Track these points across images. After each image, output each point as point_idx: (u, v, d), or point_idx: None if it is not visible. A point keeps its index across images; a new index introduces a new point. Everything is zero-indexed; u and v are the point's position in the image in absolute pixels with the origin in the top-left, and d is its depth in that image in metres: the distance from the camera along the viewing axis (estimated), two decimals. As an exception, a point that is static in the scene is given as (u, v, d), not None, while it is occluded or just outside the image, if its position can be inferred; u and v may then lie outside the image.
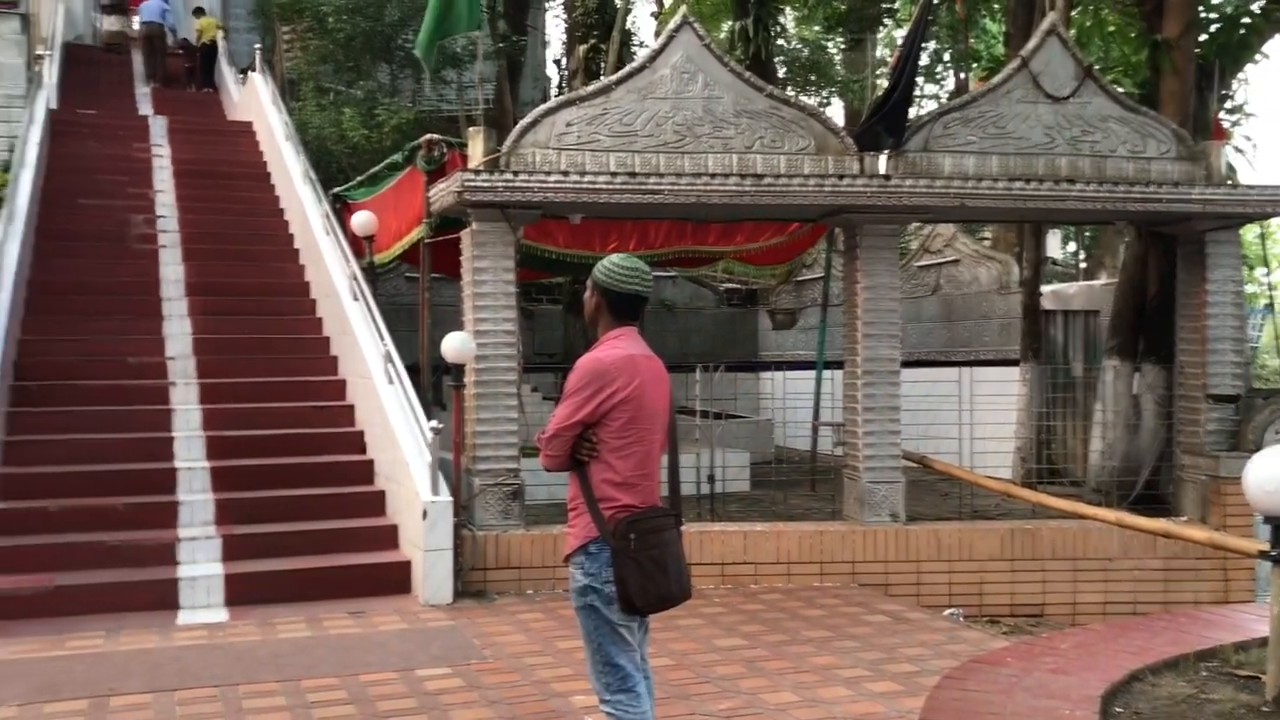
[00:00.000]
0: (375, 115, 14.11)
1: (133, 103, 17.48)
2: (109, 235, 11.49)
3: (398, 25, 15.24)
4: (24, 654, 6.10)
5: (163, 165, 13.45)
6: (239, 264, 11.32)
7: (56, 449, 8.28)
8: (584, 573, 3.73)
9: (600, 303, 3.84)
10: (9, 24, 17.15)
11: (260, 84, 14.89)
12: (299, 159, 12.30)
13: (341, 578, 7.45)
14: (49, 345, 9.42)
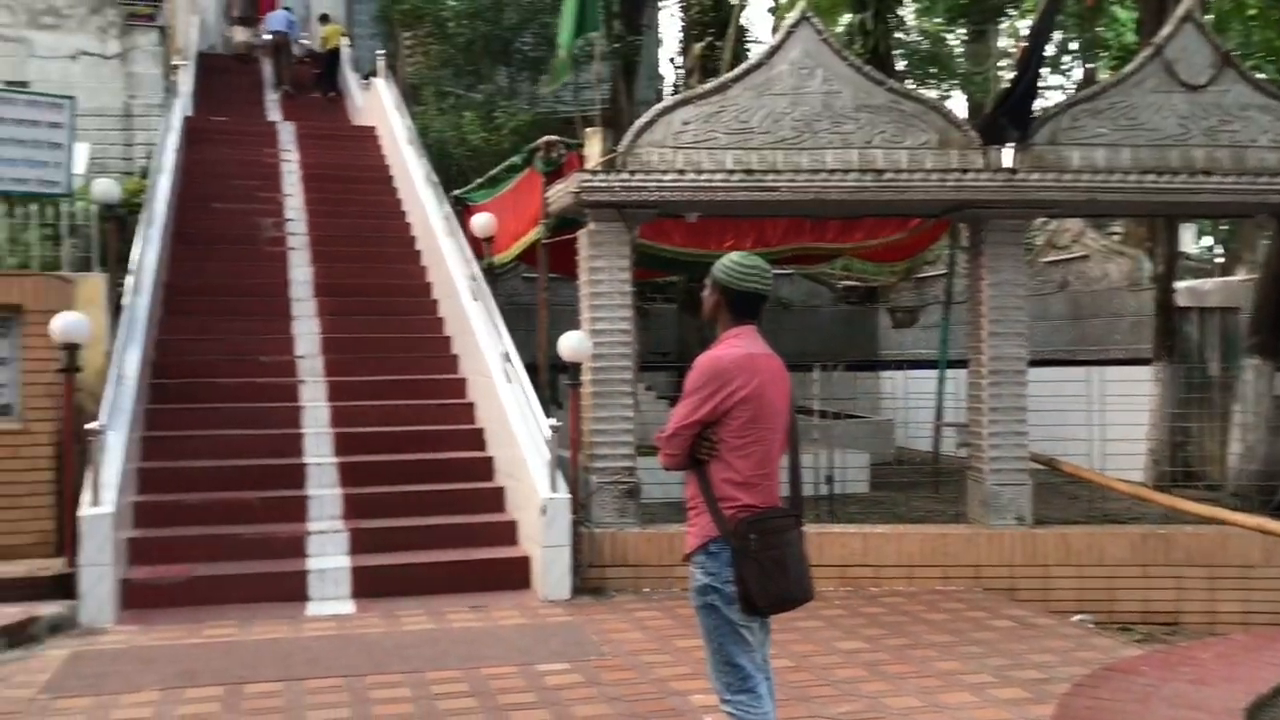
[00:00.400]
0: (494, 118, 14.33)
1: (262, 109, 18.08)
2: (241, 238, 11.90)
3: (516, 28, 15.46)
4: (164, 640, 6.36)
5: (291, 170, 13.88)
6: (364, 265, 11.61)
7: (193, 444, 8.60)
8: (704, 572, 3.71)
9: (720, 301, 3.82)
10: (148, 37, 17.94)
11: (383, 89, 15.26)
12: (421, 162, 12.55)
13: (462, 572, 7.57)
14: (185, 345, 9.79)
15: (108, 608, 6.74)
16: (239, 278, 11.11)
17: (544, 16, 15.24)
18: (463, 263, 10.29)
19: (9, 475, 7.52)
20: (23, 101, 9.74)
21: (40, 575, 6.97)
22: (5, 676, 5.68)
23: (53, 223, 9.46)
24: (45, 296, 7.72)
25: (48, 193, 9.58)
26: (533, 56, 15.98)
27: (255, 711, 5.14)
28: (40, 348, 7.57)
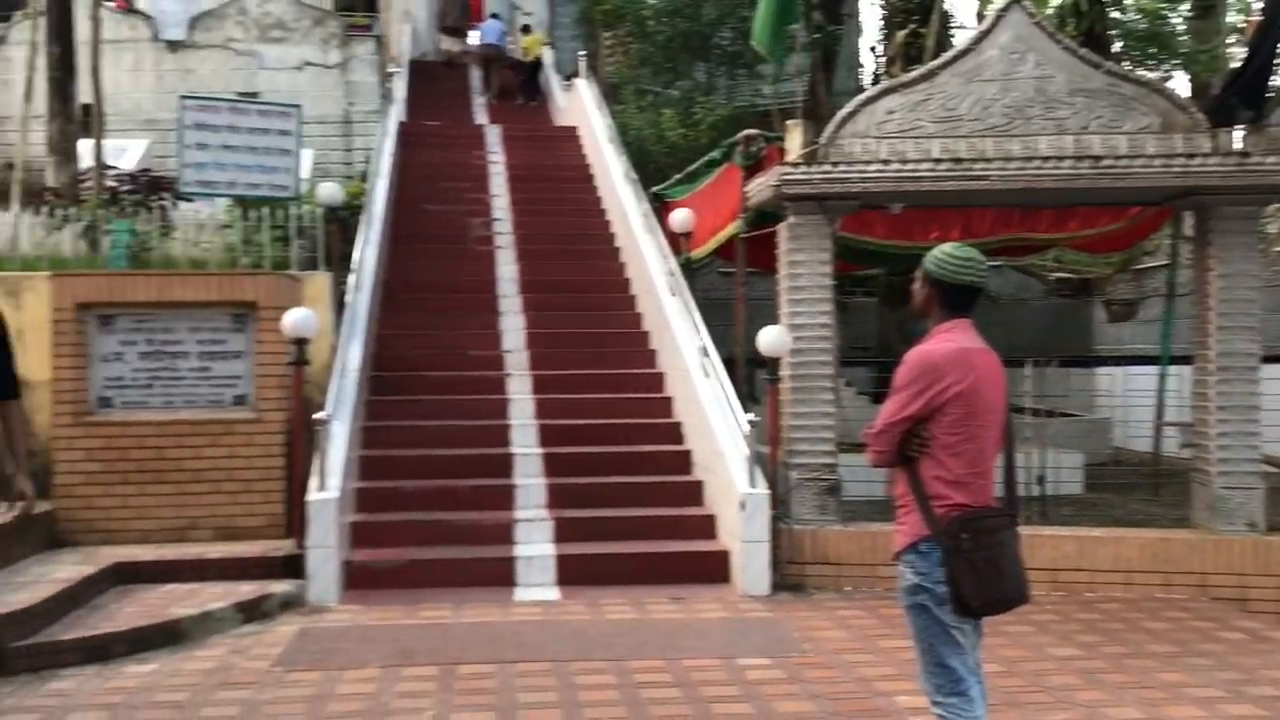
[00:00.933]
0: (692, 114, 14.42)
1: (470, 113, 18.76)
2: (451, 237, 12.38)
3: (714, 24, 15.50)
4: (383, 620, 6.69)
5: (497, 170, 14.35)
6: (566, 262, 11.88)
7: (408, 434, 9.02)
8: (914, 571, 3.63)
9: (931, 294, 3.73)
10: (365, 46, 18.90)
11: (584, 89, 15.58)
12: (620, 160, 12.75)
13: (662, 564, 7.65)
14: (400, 339, 10.28)
15: (333, 587, 7.15)
16: (449, 275, 11.57)
17: (743, 10, 15.22)
18: (660, 258, 10.40)
19: (244, 461, 8.06)
20: (255, 111, 10.42)
21: (272, 556, 7.45)
22: (243, 649, 6.10)
23: (282, 225, 10.08)
24: (276, 294, 8.23)
25: (278, 196, 10.22)
26: (731, 51, 15.98)
27: (469, 691, 5.35)
28: (272, 342, 8.07)
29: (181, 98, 10.50)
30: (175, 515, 7.96)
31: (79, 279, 8.22)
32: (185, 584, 7.11)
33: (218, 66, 18.87)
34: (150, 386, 8.16)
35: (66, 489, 7.94)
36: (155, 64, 18.88)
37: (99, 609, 6.49)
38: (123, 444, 7.99)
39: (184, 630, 6.23)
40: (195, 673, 5.66)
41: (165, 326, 8.18)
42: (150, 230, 10.18)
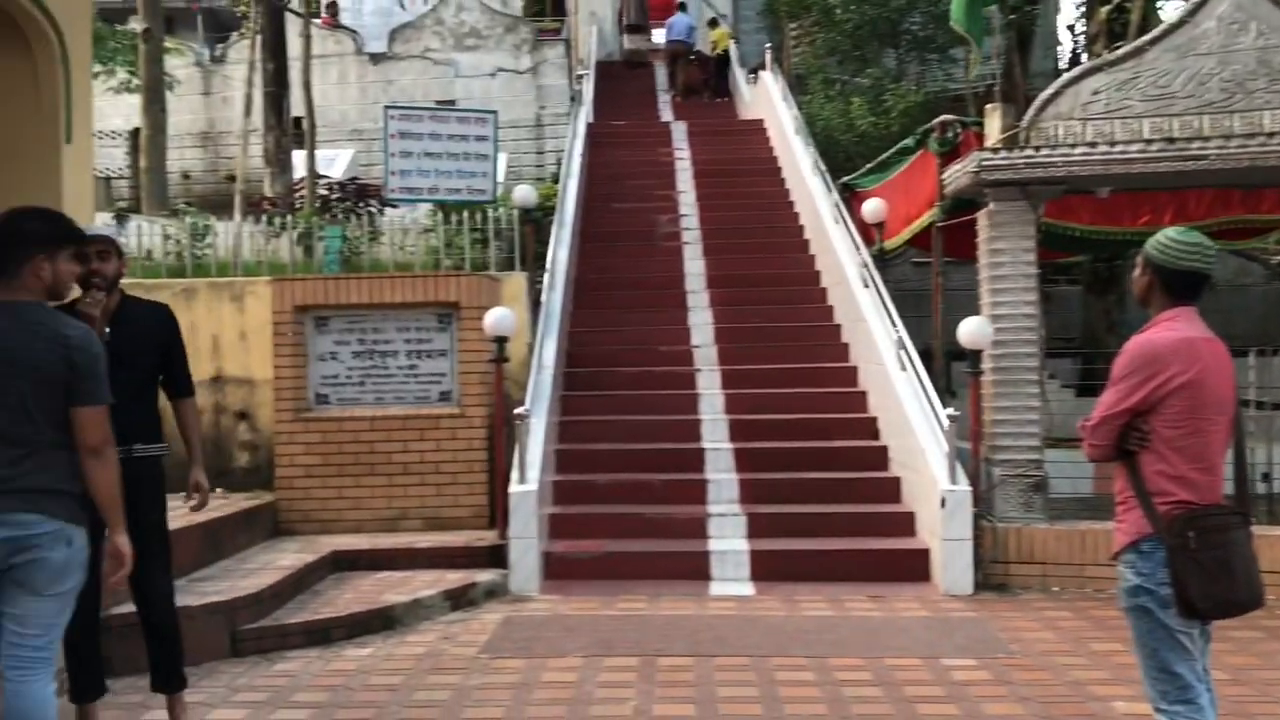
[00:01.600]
0: (883, 101, 14.14)
1: (655, 111, 18.94)
2: (639, 234, 12.54)
3: (904, 9, 15.14)
4: (582, 611, 6.84)
5: (684, 166, 14.43)
6: (753, 256, 11.85)
7: (601, 428, 9.18)
8: (1135, 572, 3.46)
9: (1153, 281, 3.54)
10: (555, 50, 19.34)
11: (769, 82, 15.49)
12: (807, 151, 12.63)
13: (859, 561, 7.54)
14: (592, 335, 10.48)
15: (533, 577, 7.36)
16: (638, 272, 11.72)
17: (933, -6, 14.83)
18: (851, 249, 10.24)
19: (450, 455, 8.39)
20: (454, 119, 10.83)
21: (476, 546, 7.72)
22: (451, 635, 6.35)
23: (481, 227, 10.43)
24: (477, 294, 8.52)
25: (477, 200, 10.59)
26: (921, 36, 15.59)
27: (669, 684, 5.41)
28: (473, 340, 8.37)
29: (386, 108, 11.00)
30: (386, 506, 8.36)
31: (296, 283, 8.71)
32: (397, 572, 7.46)
33: (416, 76, 19.68)
34: (362, 384, 8.58)
35: (287, 481, 8.44)
36: (359, 76, 19.85)
37: (319, 595, 6.88)
38: (338, 439, 8.44)
39: (396, 616, 6.53)
40: (408, 657, 5.92)
41: (375, 327, 8.59)
42: (359, 235, 10.71)
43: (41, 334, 3.51)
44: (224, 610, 5.90)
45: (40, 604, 3.49)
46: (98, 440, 3.57)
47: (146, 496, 4.54)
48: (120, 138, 19.69)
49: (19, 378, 3.46)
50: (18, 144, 5.72)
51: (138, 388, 4.57)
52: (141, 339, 4.61)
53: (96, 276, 4.44)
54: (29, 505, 3.44)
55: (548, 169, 18.38)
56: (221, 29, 25.22)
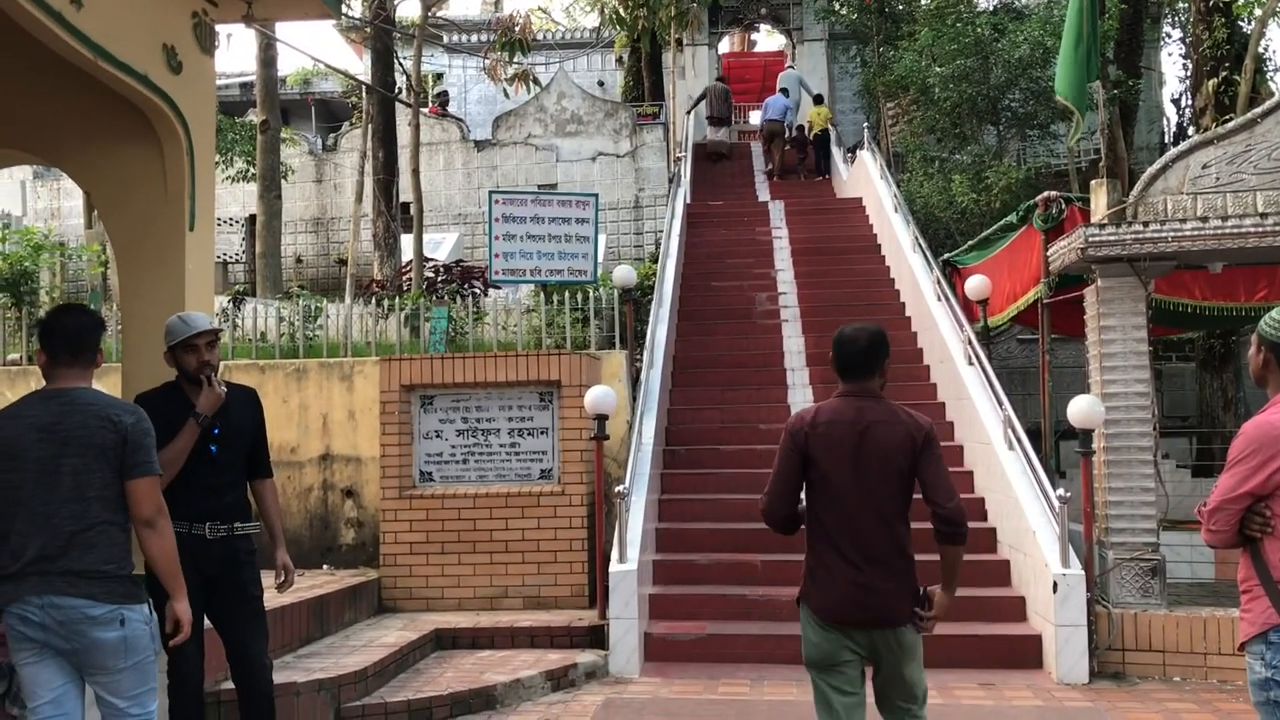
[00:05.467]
0: (983, 178, 14.04)
1: (753, 190, 19.09)
2: (738, 312, 12.57)
3: (1004, 86, 15.09)
4: (684, 694, 6.75)
5: (781, 245, 14.48)
6: (854, 334, 11.75)
7: (701, 507, 9.14)
8: (1264, 664, 3.30)
9: (1269, 359, 3.44)
10: (653, 134, 19.68)
11: (868, 160, 15.53)
12: (908, 229, 12.58)
13: (968, 646, 7.31)
14: (691, 413, 10.48)
15: (634, 659, 7.30)
16: (737, 350, 11.72)
17: (1033, 71, 14.75)
18: (954, 327, 10.11)
19: (550, 533, 8.42)
20: (556, 202, 11.07)
21: (577, 625, 7.70)
22: (552, 717, 6.32)
23: (581, 307, 10.58)
24: (577, 373, 8.61)
25: (578, 281, 10.76)
26: (1022, 113, 15.50)
27: (772, 771, 5.29)
28: (574, 418, 8.44)
29: (490, 193, 11.30)
30: (488, 584, 8.41)
31: (404, 363, 8.92)
32: (498, 651, 7.48)
33: (519, 161, 20.21)
34: (465, 461, 8.71)
35: (391, 558, 8.56)
36: (464, 162, 20.44)
37: (421, 673, 6.92)
38: (441, 516, 8.55)
39: (497, 696, 6.52)
40: (509, 738, 5.90)
41: (479, 405, 8.73)
42: (464, 316, 10.95)
43: (93, 413, 3.71)
44: (329, 687, 5.96)
45: (115, 678, 3.67)
46: (150, 511, 3.74)
47: (246, 573, 4.67)
48: (237, 224, 20.55)
49: (71, 457, 3.64)
50: (146, 230, 6.02)
51: (239, 469, 4.73)
52: (242, 421, 4.77)
53: (207, 367, 4.62)
54: (74, 589, 3.59)
55: (646, 249, 18.62)
56: (333, 119, 26.30)
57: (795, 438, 4.12)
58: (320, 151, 21.67)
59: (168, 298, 5.97)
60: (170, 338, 4.68)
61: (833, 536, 3.93)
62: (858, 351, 4.19)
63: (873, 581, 3.85)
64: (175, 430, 4.48)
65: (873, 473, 3.92)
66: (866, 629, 3.87)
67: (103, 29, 5.24)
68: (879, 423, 4.04)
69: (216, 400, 4.57)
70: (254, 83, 17.89)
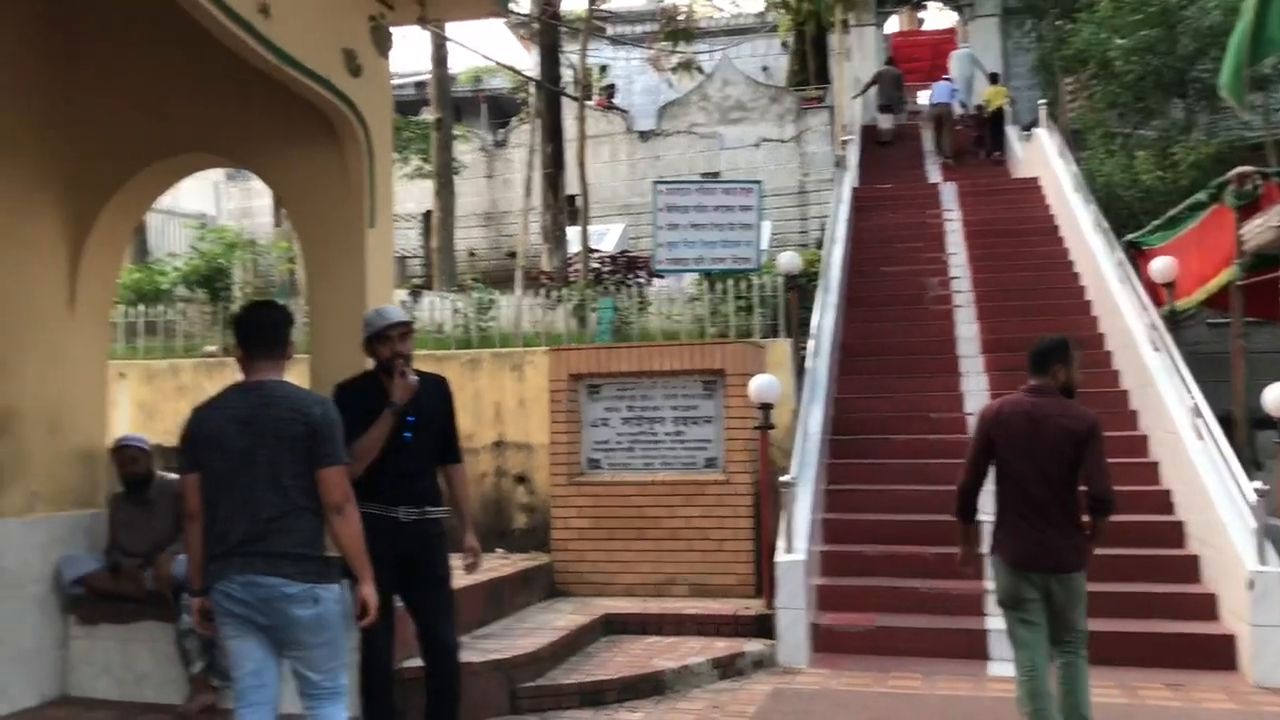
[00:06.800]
0: (1170, 154, 13.33)
1: (923, 173, 18.60)
2: (907, 298, 12.29)
3: (1192, 56, 14.27)
4: (853, 686, 6.68)
5: (953, 228, 14.08)
6: (1030, 319, 11.34)
7: (868, 498, 8.99)
8: None
9: None
10: (818, 118, 19.46)
11: (1044, 139, 14.95)
12: (1088, 209, 12.07)
13: (1153, 645, 6.98)
14: (859, 402, 10.31)
15: (801, 649, 7.25)
16: (906, 337, 11.47)
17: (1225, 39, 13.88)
18: (1139, 311, 9.66)
19: (716, 521, 8.45)
20: (720, 190, 11.06)
21: (743, 615, 7.70)
22: (720, 705, 6.34)
23: (746, 295, 10.54)
24: (742, 361, 8.60)
25: (742, 269, 10.73)
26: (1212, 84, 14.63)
27: (944, 767, 5.18)
28: (738, 407, 8.43)
29: (654, 183, 11.38)
30: (654, 571, 8.49)
31: (572, 353, 9.09)
32: (665, 637, 7.55)
33: (683, 150, 20.28)
34: (631, 449, 8.81)
35: (562, 543, 8.74)
36: (629, 153, 20.65)
37: (592, 656, 7.05)
38: (609, 503, 8.68)
39: (665, 682, 6.59)
40: (678, 724, 5.95)
41: (644, 394, 8.81)
42: (629, 306, 11.07)
43: (285, 405, 3.90)
44: (504, 668, 6.14)
45: (309, 653, 3.88)
46: (339, 498, 3.91)
47: (437, 555, 4.85)
48: (413, 220, 21.29)
49: (266, 447, 3.84)
50: (329, 227, 6.31)
51: (432, 455, 4.91)
52: (433, 409, 4.95)
53: (400, 358, 4.80)
54: (271, 569, 3.79)
55: (812, 235, 18.42)
56: (503, 115, 26.94)
57: (982, 425, 5.03)
58: (491, 147, 22.24)
59: (350, 292, 6.26)
60: (366, 330, 4.90)
61: (1017, 505, 4.86)
62: (1034, 354, 5.00)
63: (1048, 538, 4.78)
64: (373, 417, 4.69)
65: (1045, 456, 4.78)
66: (1044, 573, 4.79)
67: (288, 36, 5.51)
68: (1052, 416, 4.82)
69: (409, 389, 4.75)
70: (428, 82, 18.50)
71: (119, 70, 6.52)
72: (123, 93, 6.51)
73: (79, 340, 6.56)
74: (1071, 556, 4.82)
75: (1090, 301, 11.47)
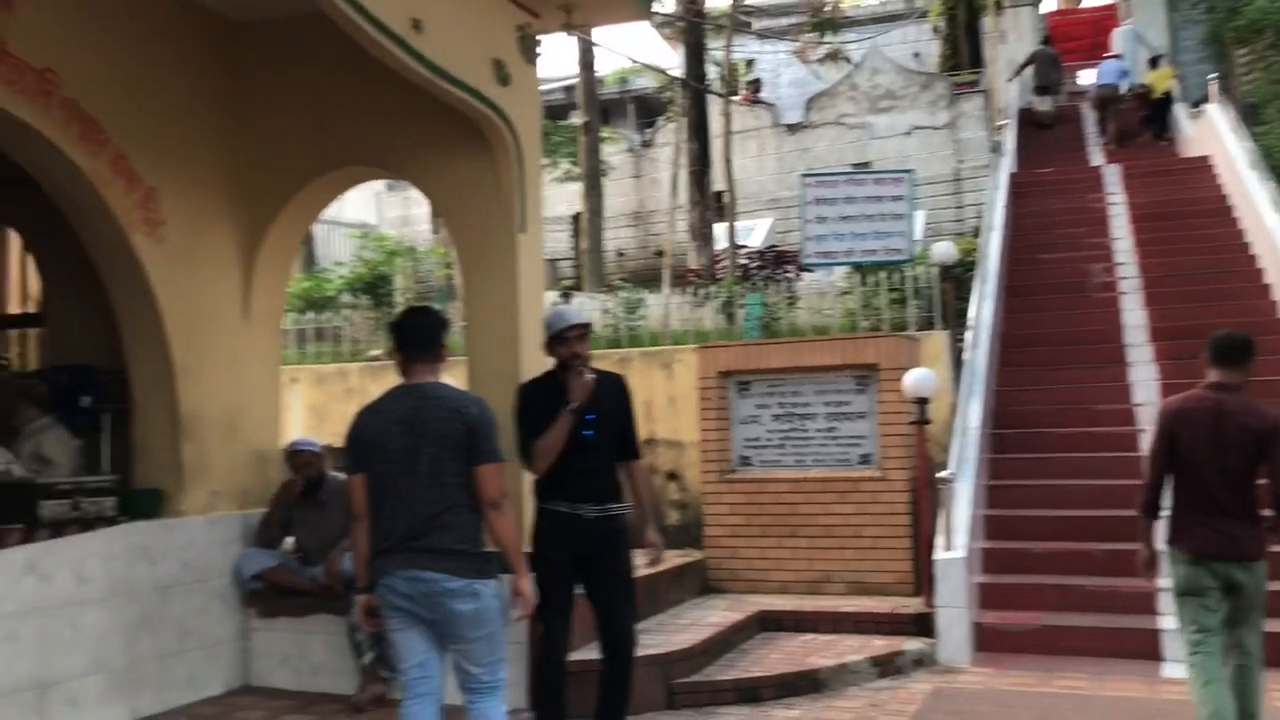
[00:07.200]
0: (1356, 125, 12.47)
1: (1084, 156, 17.87)
2: (1068, 286, 11.84)
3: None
4: (1018, 686, 6.49)
5: (1118, 212, 13.51)
6: (1204, 305, 10.80)
7: (1033, 493, 8.71)
8: None
9: None
10: (972, 103, 18.96)
11: (1216, 115, 14.20)
12: (1266, 187, 11.41)
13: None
14: (1020, 395, 9.99)
15: (963, 648, 7.08)
16: (1069, 326, 11.06)
17: None
18: (1326, 295, 9.08)
19: (871, 519, 8.32)
20: (870, 181, 10.89)
21: (901, 613, 7.57)
22: (879, 703, 6.25)
23: (898, 287, 10.35)
24: (896, 355, 8.44)
25: (893, 260, 10.54)
26: None
27: (1116, 772, 4.99)
28: (893, 402, 8.28)
29: (802, 176, 11.29)
30: (808, 569, 8.43)
31: (720, 350, 9.09)
32: (821, 635, 7.48)
33: (831, 142, 20.03)
34: (783, 446, 8.76)
35: (714, 540, 8.76)
36: (776, 147, 20.51)
37: (747, 653, 7.04)
38: (761, 500, 8.65)
39: (823, 680, 6.53)
40: (836, 723, 5.90)
41: (795, 390, 8.75)
42: (778, 301, 11.00)
43: (443, 405, 4.02)
44: (661, 663, 6.19)
45: (469, 646, 3.99)
46: (496, 494, 4.02)
47: (619, 550, 4.95)
48: (563, 223, 21.64)
49: (426, 446, 3.96)
50: (482, 233, 6.49)
51: (612, 452, 5.00)
52: (613, 407, 5.03)
53: (577, 359, 4.90)
54: (433, 564, 3.91)
55: (967, 223, 17.93)
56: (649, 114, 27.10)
57: (1164, 421, 5.02)
58: (638, 148, 22.41)
59: (502, 295, 6.42)
60: (545, 331, 5.04)
61: (1197, 500, 4.84)
62: (1227, 348, 4.93)
63: (1229, 528, 4.78)
64: (552, 414, 4.81)
65: (1228, 453, 4.78)
66: (1225, 562, 4.78)
67: (440, 50, 5.69)
68: (1235, 413, 4.80)
69: (586, 390, 4.85)
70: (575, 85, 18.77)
71: (287, 90, 6.85)
72: (290, 111, 6.84)
73: (254, 347, 6.92)
74: (1252, 545, 4.81)
75: (1269, 285, 10.86)
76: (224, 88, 6.79)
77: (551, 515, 4.86)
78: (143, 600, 5.93)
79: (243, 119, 6.87)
